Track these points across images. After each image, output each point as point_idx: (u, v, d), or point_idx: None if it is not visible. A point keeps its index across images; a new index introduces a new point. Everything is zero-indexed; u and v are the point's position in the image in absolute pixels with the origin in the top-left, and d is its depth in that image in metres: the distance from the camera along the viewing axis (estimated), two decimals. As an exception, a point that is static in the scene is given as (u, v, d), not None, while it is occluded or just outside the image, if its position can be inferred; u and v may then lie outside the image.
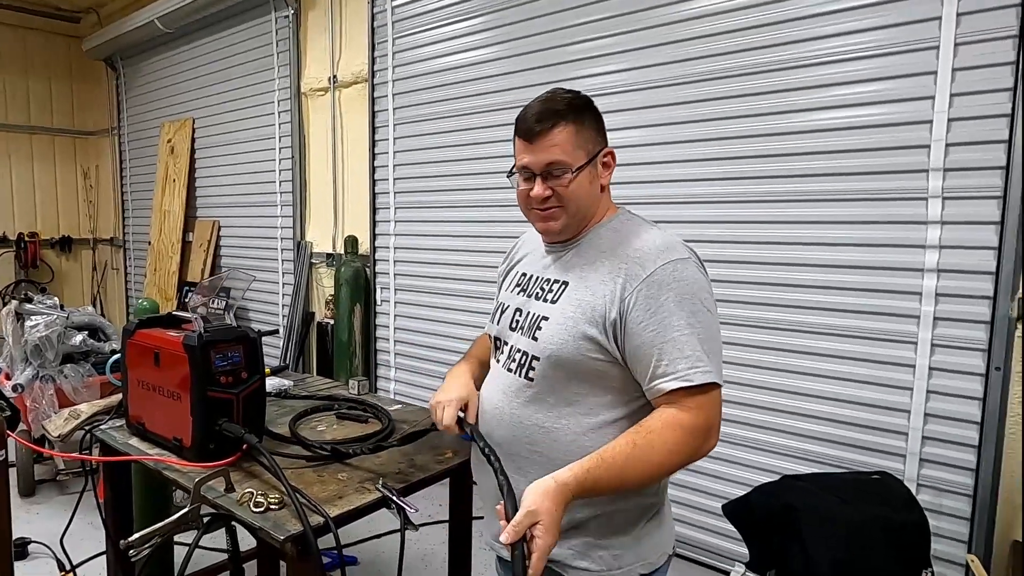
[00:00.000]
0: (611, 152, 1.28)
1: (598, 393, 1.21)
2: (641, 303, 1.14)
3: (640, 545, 1.25)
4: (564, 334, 1.20)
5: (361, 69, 4.11)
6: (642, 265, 1.16)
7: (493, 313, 1.43)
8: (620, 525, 1.23)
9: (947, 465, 2.28)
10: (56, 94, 6.70)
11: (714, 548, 2.82)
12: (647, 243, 1.20)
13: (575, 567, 1.23)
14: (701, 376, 1.11)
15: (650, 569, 1.27)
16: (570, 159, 1.21)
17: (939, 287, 2.25)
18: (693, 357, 1.11)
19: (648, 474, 1.10)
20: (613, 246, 1.23)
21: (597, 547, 1.22)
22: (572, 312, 1.21)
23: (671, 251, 1.18)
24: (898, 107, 2.30)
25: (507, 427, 1.28)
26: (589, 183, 1.24)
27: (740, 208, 2.67)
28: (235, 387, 1.69)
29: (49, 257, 6.75)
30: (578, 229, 1.28)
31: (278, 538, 1.36)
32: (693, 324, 1.12)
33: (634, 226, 1.27)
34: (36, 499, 3.47)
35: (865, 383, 2.41)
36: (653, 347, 1.12)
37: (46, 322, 3.31)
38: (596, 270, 1.21)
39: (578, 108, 1.24)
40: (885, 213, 2.34)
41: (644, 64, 2.88)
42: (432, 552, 2.98)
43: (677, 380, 1.11)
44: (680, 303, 1.13)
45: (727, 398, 2.72)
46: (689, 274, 1.16)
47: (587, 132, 1.24)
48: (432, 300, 3.86)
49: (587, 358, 1.18)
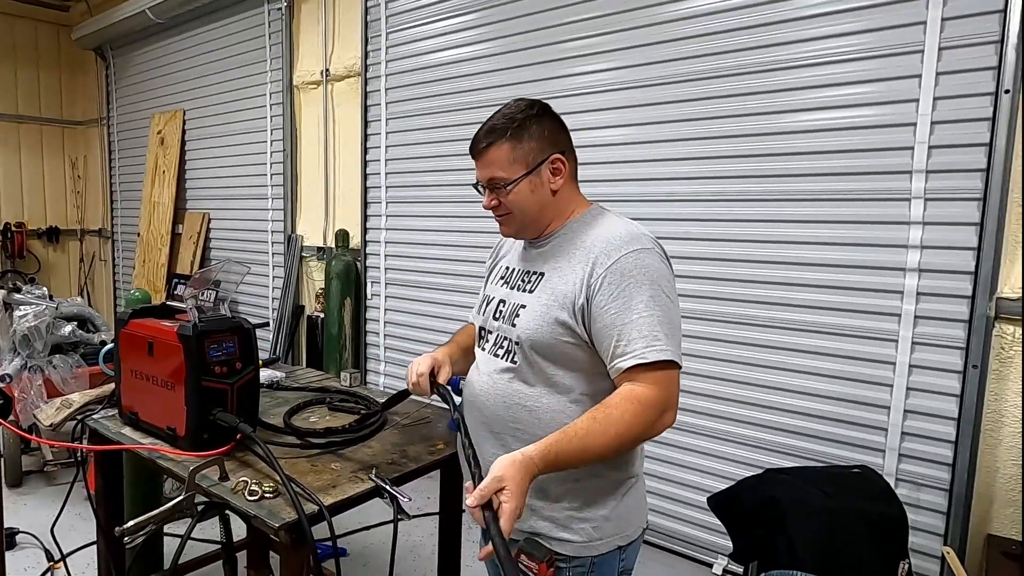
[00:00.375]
0: (559, 158, 1.36)
1: (573, 373, 1.31)
2: (605, 288, 1.23)
3: (619, 518, 1.34)
4: (539, 320, 1.31)
5: (354, 63, 4.11)
6: (607, 254, 1.26)
7: (479, 305, 1.53)
8: (599, 498, 1.32)
9: (925, 460, 2.34)
10: (45, 83, 6.63)
11: (696, 540, 2.87)
12: (613, 234, 1.30)
13: (557, 538, 1.31)
14: (656, 354, 1.19)
15: (627, 541, 1.36)
16: (506, 173, 1.34)
17: (920, 286, 2.31)
18: (650, 337, 1.19)
19: (608, 445, 1.18)
20: (583, 238, 1.33)
21: (578, 519, 1.31)
22: (546, 300, 1.31)
23: (635, 241, 1.27)
24: (883, 109, 2.35)
25: (492, 406, 1.39)
26: (531, 192, 1.35)
27: (725, 207, 2.71)
28: (229, 377, 1.71)
29: (36, 247, 6.69)
30: (536, 230, 1.40)
31: (273, 526, 1.38)
32: (652, 308, 1.21)
33: (603, 219, 1.37)
34: (23, 490, 3.46)
35: (847, 380, 2.47)
36: (614, 328, 1.22)
37: (35, 312, 3.30)
38: (568, 260, 1.32)
39: (520, 123, 1.33)
40: (869, 213, 2.40)
41: (633, 63, 2.91)
42: (421, 543, 3.01)
43: (634, 358, 1.19)
44: (640, 288, 1.22)
45: (710, 393, 2.78)
46: (650, 262, 1.25)
47: (527, 145, 1.33)
48: (421, 294, 3.88)
49: (560, 341, 1.29)
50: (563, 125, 1.40)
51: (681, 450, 2.89)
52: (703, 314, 2.78)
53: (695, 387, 2.82)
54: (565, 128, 1.40)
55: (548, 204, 1.37)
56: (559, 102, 3.12)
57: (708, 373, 2.79)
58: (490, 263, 1.61)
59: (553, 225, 1.40)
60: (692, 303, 2.81)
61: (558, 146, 1.37)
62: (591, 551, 1.31)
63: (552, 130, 1.37)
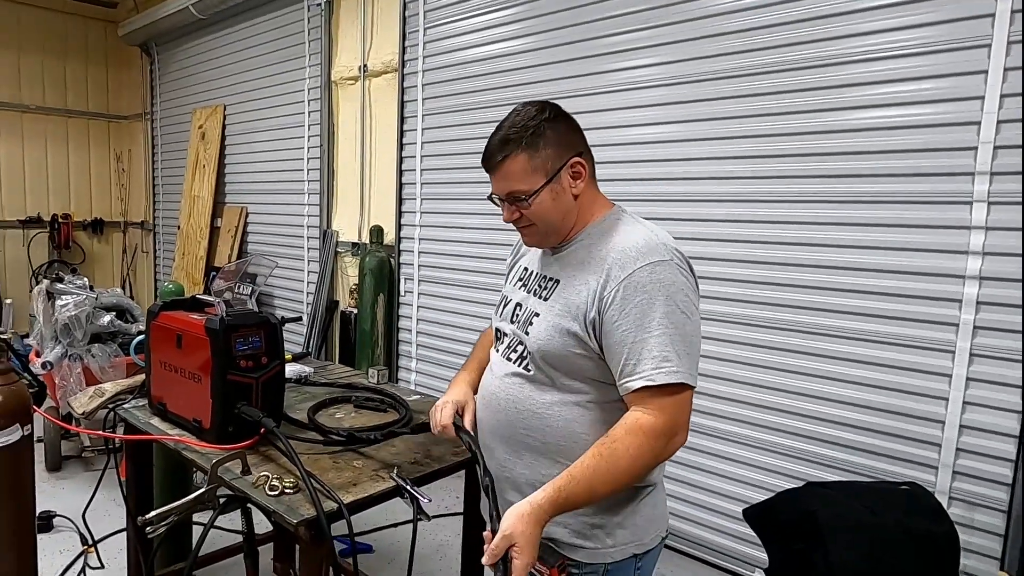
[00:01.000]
0: (579, 161, 1.29)
1: (585, 384, 1.26)
2: (617, 303, 1.18)
3: (635, 525, 1.29)
4: (551, 330, 1.26)
5: (391, 59, 4.10)
6: (622, 266, 1.20)
7: (498, 305, 1.48)
8: (614, 505, 1.27)
9: (981, 479, 2.20)
10: (93, 79, 6.81)
11: (733, 552, 2.77)
12: (630, 244, 1.23)
13: (571, 544, 1.28)
14: (664, 376, 1.14)
15: (643, 549, 1.31)
16: (525, 186, 1.27)
17: (980, 295, 2.17)
18: (660, 357, 1.15)
19: (617, 481, 1.16)
20: (600, 246, 1.28)
21: (592, 526, 1.27)
22: (559, 309, 1.27)
23: (651, 253, 1.21)
24: (944, 107, 2.22)
25: (503, 412, 1.35)
26: (552, 200, 1.28)
27: (771, 208, 2.60)
28: (255, 371, 1.70)
29: (81, 239, 6.89)
30: (561, 237, 1.33)
31: (291, 522, 1.36)
32: (665, 325, 1.16)
33: (622, 226, 1.30)
34: (62, 474, 3.53)
35: (898, 391, 2.34)
36: (624, 346, 1.17)
37: (75, 302, 3.36)
38: (583, 270, 1.27)
39: (534, 130, 1.26)
40: (926, 217, 2.26)
41: (675, 59, 2.82)
42: (447, 543, 2.97)
43: (642, 380, 1.15)
44: (653, 304, 1.16)
45: (751, 401, 2.68)
46: (666, 276, 1.19)
47: (544, 152, 1.26)
48: (455, 292, 3.84)
49: (572, 353, 1.25)
50: (577, 125, 1.33)
51: (721, 459, 2.78)
52: (744, 318, 2.68)
53: (735, 394, 2.72)
54: (579, 128, 1.33)
55: (570, 210, 1.31)
56: (597, 99, 3.08)
57: (749, 380, 2.68)
58: (510, 260, 1.57)
59: (573, 232, 1.34)
60: (733, 307, 2.70)
61: (575, 148, 1.30)
62: (605, 558, 1.27)
63: (567, 132, 1.30)
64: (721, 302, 2.73)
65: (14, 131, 6.38)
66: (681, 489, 2.90)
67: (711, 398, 2.79)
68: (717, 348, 2.75)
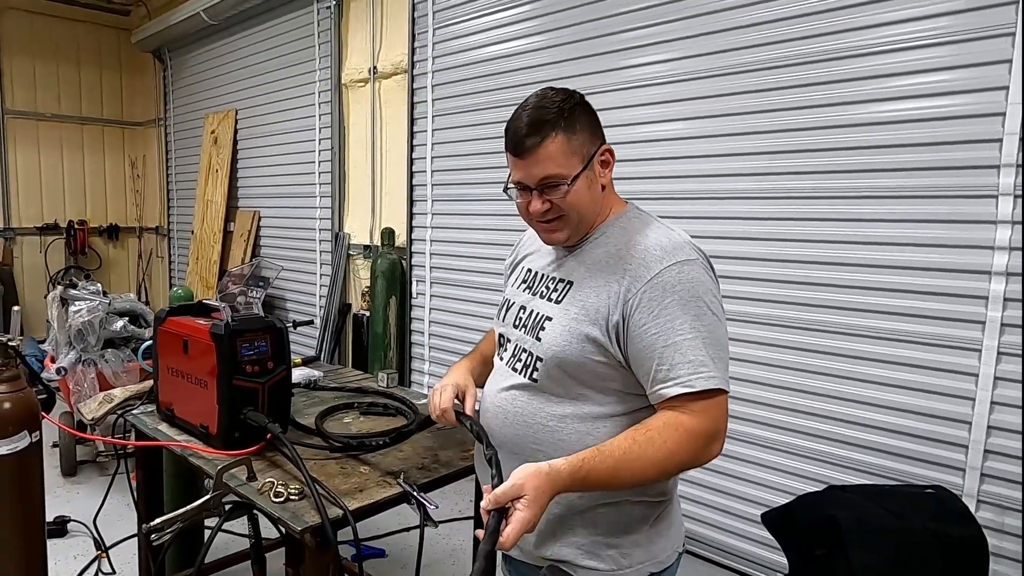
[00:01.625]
0: (608, 149, 1.23)
1: (602, 394, 1.19)
2: (644, 305, 1.11)
3: (650, 543, 1.22)
4: (567, 335, 1.18)
5: (401, 60, 4.08)
6: (647, 267, 1.13)
7: (499, 309, 1.40)
8: (629, 523, 1.20)
9: (1012, 481, 2.12)
10: (106, 85, 6.87)
11: (754, 557, 2.71)
12: (653, 243, 1.16)
13: (584, 566, 1.20)
14: (704, 382, 1.08)
15: (660, 568, 1.24)
16: (565, 170, 1.16)
17: (1008, 291, 2.09)
18: (696, 362, 1.08)
19: (644, 472, 1.08)
20: (619, 246, 1.19)
21: (606, 546, 1.20)
22: (576, 313, 1.18)
23: (677, 252, 1.14)
24: (967, 98, 2.14)
25: (511, 426, 1.26)
26: (588, 188, 1.19)
27: (790, 205, 2.54)
28: (261, 376, 1.68)
29: (97, 244, 6.95)
30: (585, 231, 1.25)
31: (296, 528, 1.33)
32: (697, 328, 1.10)
33: (641, 224, 1.22)
34: (77, 479, 3.55)
35: (923, 391, 2.27)
36: (655, 351, 1.10)
37: (88, 307, 3.38)
38: (601, 271, 1.18)
39: (569, 111, 1.17)
40: (950, 211, 2.19)
41: (691, 54, 2.76)
42: (460, 548, 2.94)
43: (679, 386, 1.08)
44: (684, 307, 1.10)
45: (772, 402, 2.61)
46: (695, 276, 1.12)
47: (581, 136, 1.18)
48: (467, 294, 3.81)
49: (590, 360, 1.16)
50: (596, 116, 1.25)
51: (739, 461, 2.72)
52: (765, 319, 2.62)
53: (754, 395, 2.66)
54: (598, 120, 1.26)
55: (598, 200, 1.22)
56: (613, 96, 3.03)
57: (769, 381, 2.62)
58: (511, 261, 1.48)
59: (595, 226, 1.25)
60: (752, 307, 2.64)
61: (602, 136, 1.24)
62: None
63: (595, 118, 1.23)
64: (739, 301, 2.67)
65: (30, 139, 6.45)
66: (699, 492, 2.85)
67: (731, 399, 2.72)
68: (735, 349, 2.67)
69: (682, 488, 2.85)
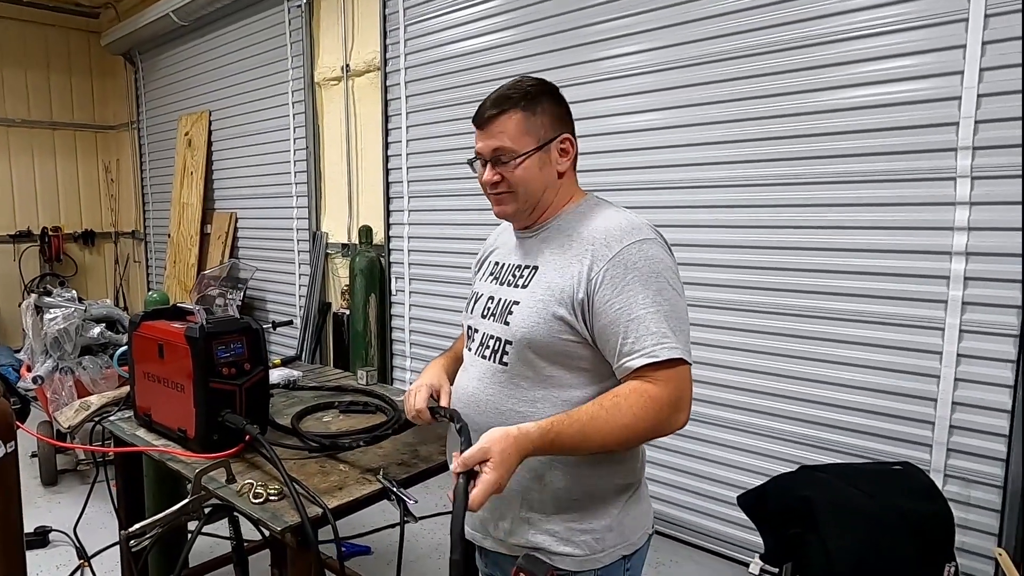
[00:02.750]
0: (569, 138, 1.28)
1: (571, 374, 1.22)
2: (608, 282, 1.15)
3: (622, 526, 1.26)
4: (535, 316, 1.21)
5: (374, 57, 4.07)
6: (608, 246, 1.18)
7: (467, 303, 1.44)
8: (600, 508, 1.24)
9: (976, 455, 2.19)
10: (77, 89, 6.77)
11: (732, 538, 2.77)
12: (613, 224, 1.21)
13: (559, 553, 1.23)
14: (667, 351, 1.12)
15: (632, 550, 1.27)
16: (516, 145, 1.23)
17: (968, 271, 2.16)
18: (659, 334, 1.12)
19: (611, 435, 1.11)
20: (580, 229, 1.24)
21: (579, 531, 1.23)
22: (542, 295, 1.22)
23: (637, 232, 1.19)
24: (925, 83, 2.20)
25: (484, 414, 1.28)
26: (539, 169, 1.25)
27: (757, 191, 2.59)
28: (238, 378, 1.69)
29: (72, 251, 6.86)
30: (535, 214, 1.30)
31: (276, 529, 1.35)
32: (659, 302, 1.14)
33: (601, 210, 1.28)
34: (58, 488, 3.52)
35: (889, 370, 2.33)
36: (619, 325, 1.14)
37: (64, 315, 3.34)
38: (564, 253, 1.23)
39: (533, 96, 1.25)
40: (911, 194, 2.25)
41: (661, 44, 2.79)
42: (444, 543, 2.96)
43: (644, 356, 1.12)
44: (646, 282, 1.15)
45: (744, 386, 2.67)
46: (654, 253, 1.17)
47: (540, 119, 1.25)
48: (447, 290, 3.83)
49: (558, 339, 1.20)
50: (570, 110, 1.32)
51: (717, 446, 2.78)
52: (735, 304, 2.67)
53: (729, 380, 2.71)
54: (571, 113, 1.32)
55: (551, 186, 1.28)
56: (586, 88, 3.05)
57: (742, 365, 2.67)
58: (479, 258, 1.52)
59: (548, 213, 1.30)
60: (722, 292, 2.69)
61: (568, 127, 1.30)
62: (594, 564, 1.23)
63: (564, 110, 1.30)
64: (710, 288, 2.72)
65: (0, 146, 6.34)
66: (675, 476, 2.90)
67: (703, 384, 2.78)
68: (708, 334, 2.74)
69: (659, 472, 2.91)
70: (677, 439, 2.86)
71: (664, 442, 2.90)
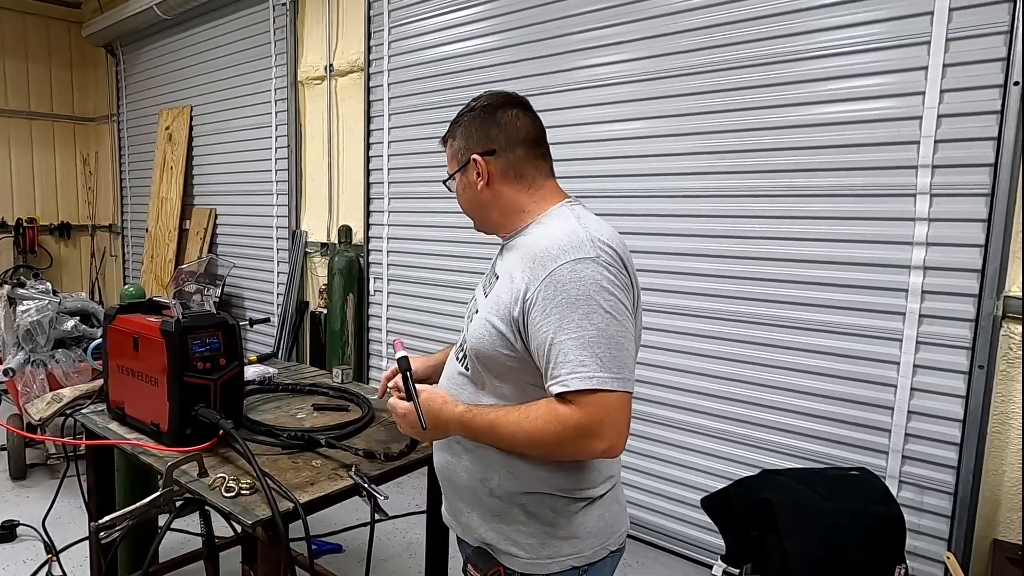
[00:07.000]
0: (476, 159, 1.29)
1: (516, 388, 1.23)
2: (539, 304, 1.14)
3: (574, 538, 1.25)
4: (482, 327, 1.24)
5: (357, 58, 4.10)
6: (544, 265, 1.15)
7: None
8: (548, 514, 1.24)
9: (929, 463, 2.27)
10: (56, 80, 6.69)
11: (696, 541, 2.83)
12: (553, 241, 1.18)
13: (506, 552, 1.26)
14: (579, 382, 1.09)
15: (585, 562, 1.26)
16: (449, 169, 1.37)
17: (925, 284, 2.24)
18: (575, 362, 1.10)
19: (516, 439, 1.16)
20: (530, 243, 1.23)
21: (527, 535, 1.25)
22: (491, 306, 1.24)
23: (573, 250, 1.14)
24: (888, 103, 2.29)
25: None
26: (463, 190, 1.34)
27: (729, 203, 2.66)
28: (212, 373, 1.70)
29: (48, 243, 6.76)
30: (496, 229, 1.36)
31: (247, 523, 1.37)
32: (584, 327, 1.10)
33: (556, 221, 1.24)
34: (27, 483, 3.49)
35: (849, 379, 2.41)
36: (544, 349, 1.13)
37: (37, 307, 3.32)
38: (516, 266, 1.22)
39: (456, 122, 1.35)
40: (873, 209, 2.33)
41: (642, 55, 2.85)
42: (417, 541, 2.99)
43: (558, 384, 1.11)
44: (572, 305, 1.11)
45: (711, 392, 2.73)
46: (586, 274, 1.12)
47: (458, 143, 1.33)
48: (425, 291, 3.86)
49: (499, 352, 1.21)
50: (498, 122, 1.29)
51: (682, 450, 2.84)
52: (702, 312, 2.74)
53: (696, 386, 2.78)
54: (503, 126, 1.29)
55: (487, 204, 1.32)
56: (566, 96, 3.10)
57: (708, 372, 2.74)
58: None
59: (516, 223, 1.31)
60: (691, 300, 2.76)
61: (483, 146, 1.29)
62: (540, 568, 1.24)
63: (480, 129, 1.29)
64: (675, 295, 2.80)
65: (-24, 135, 6.25)
66: (641, 479, 2.96)
67: (669, 389, 2.85)
68: (674, 341, 2.81)
69: (627, 476, 2.97)
70: (646, 443, 2.93)
71: (631, 445, 2.97)
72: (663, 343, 2.85)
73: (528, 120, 1.31)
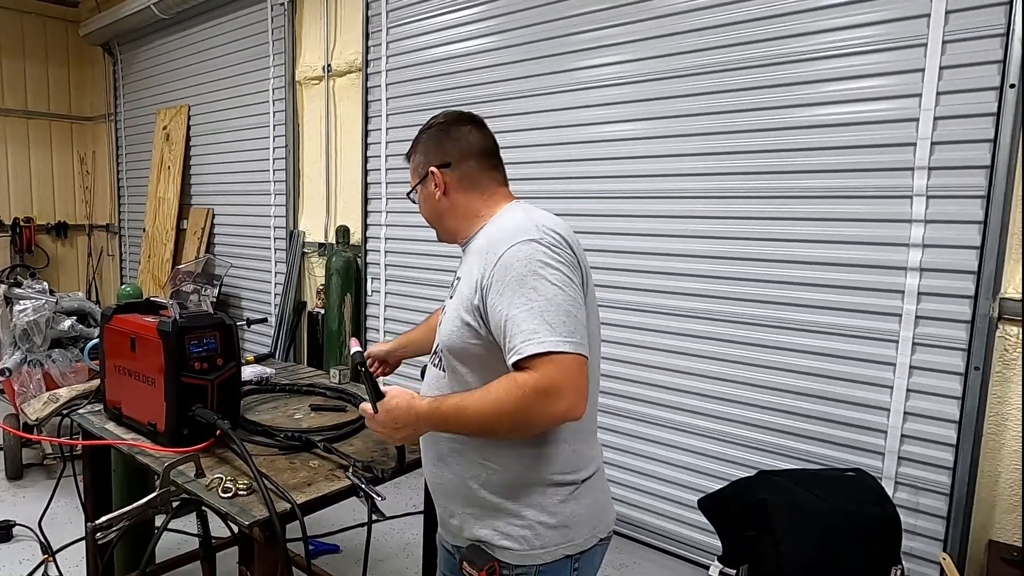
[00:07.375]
0: (434, 171, 1.41)
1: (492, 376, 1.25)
2: (493, 287, 1.22)
3: (564, 527, 1.29)
4: (451, 324, 1.31)
5: (355, 58, 4.10)
6: (495, 251, 1.24)
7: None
8: (537, 503, 1.28)
9: (925, 464, 2.28)
10: (53, 79, 6.67)
11: (693, 542, 2.83)
12: (502, 230, 1.28)
13: (499, 546, 1.29)
14: (532, 347, 1.15)
15: (577, 550, 1.30)
16: (411, 182, 1.49)
17: (921, 286, 2.25)
18: (528, 331, 1.16)
19: (481, 415, 1.19)
20: (484, 239, 1.33)
21: (517, 527, 1.28)
22: (456, 304, 1.31)
23: (519, 233, 1.24)
24: (885, 104, 2.29)
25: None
26: (424, 201, 1.46)
27: (725, 203, 2.66)
28: (210, 373, 1.70)
29: (45, 242, 6.75)
30: (450, 237, 1.46)
31: (244, 523, 1.37)
32: (532, 299, 1.18)
33: (505, 216, 1.35)
34: (23, 483, 3.48)
35: (845, 380, 2.42)
36: (501, 327, 1.20)
37: (34, 307, 3.32)
38: (472, 262, 1.31)
39: (417, 139, 1.45)
40: (869, 211, 2.34)
41: (641, 56, 2.85)
42: (415, 542, 2.99)
43: (514, 354, 1.17)
44: (521, 282, 1.19)
45: (707, 393, 2.74)
46: (530, 252, 1.21)
47: (418, 158, 1.45)
48: (422, 292, 3.86)
49: (469, 345, 1.28)
50: (452, 137, 1.40)
51: (679, 450, 2.85)
52: (699, 312, 2.74)
53: (693, 387, 2.79)
54: (457, 140, 1.40)
55: (445, 212, 1.42)
56: (564, 97, 3.10)
57: (705, 373, 2.75)
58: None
59: (469, 228, 1.40)
60: (689, 301, 2.77)
61: (439, 159, 1.40)
62: (534, 559, 1.27)
63: (436, 144, 1.41)
64: (672, 296, 2.80)
65: (-28, 134, 6.24)
66: (638, 480, 2.97)
67: (667, 390, 2.86)
68: (671, 342, 2.82)
69: (624, 476, 2.97)
70: (645, 444, 2.93)
71: (629, 445, 2.97)
72: (660, 343, 2.86)
73: (480, 135, 1.42)
